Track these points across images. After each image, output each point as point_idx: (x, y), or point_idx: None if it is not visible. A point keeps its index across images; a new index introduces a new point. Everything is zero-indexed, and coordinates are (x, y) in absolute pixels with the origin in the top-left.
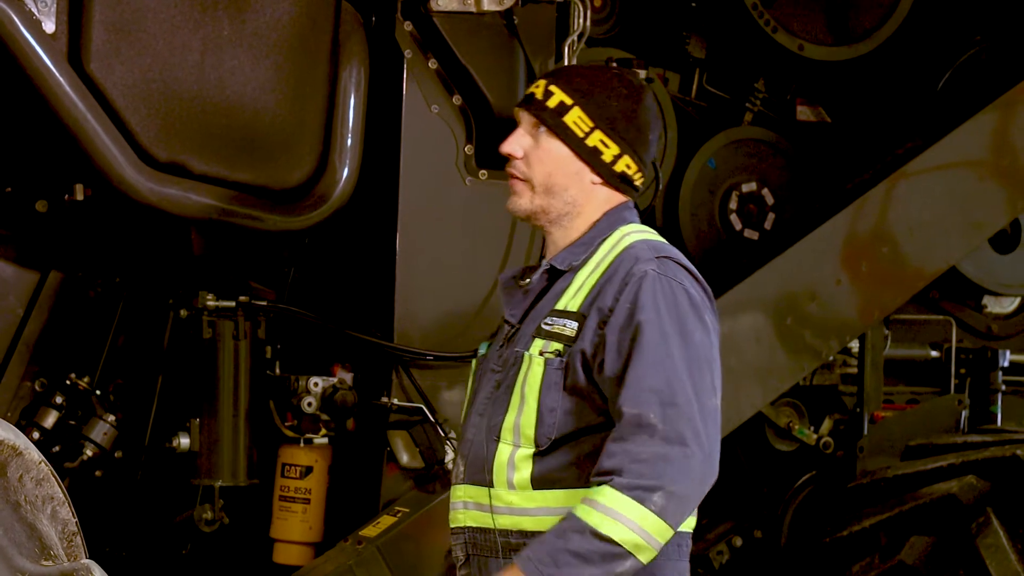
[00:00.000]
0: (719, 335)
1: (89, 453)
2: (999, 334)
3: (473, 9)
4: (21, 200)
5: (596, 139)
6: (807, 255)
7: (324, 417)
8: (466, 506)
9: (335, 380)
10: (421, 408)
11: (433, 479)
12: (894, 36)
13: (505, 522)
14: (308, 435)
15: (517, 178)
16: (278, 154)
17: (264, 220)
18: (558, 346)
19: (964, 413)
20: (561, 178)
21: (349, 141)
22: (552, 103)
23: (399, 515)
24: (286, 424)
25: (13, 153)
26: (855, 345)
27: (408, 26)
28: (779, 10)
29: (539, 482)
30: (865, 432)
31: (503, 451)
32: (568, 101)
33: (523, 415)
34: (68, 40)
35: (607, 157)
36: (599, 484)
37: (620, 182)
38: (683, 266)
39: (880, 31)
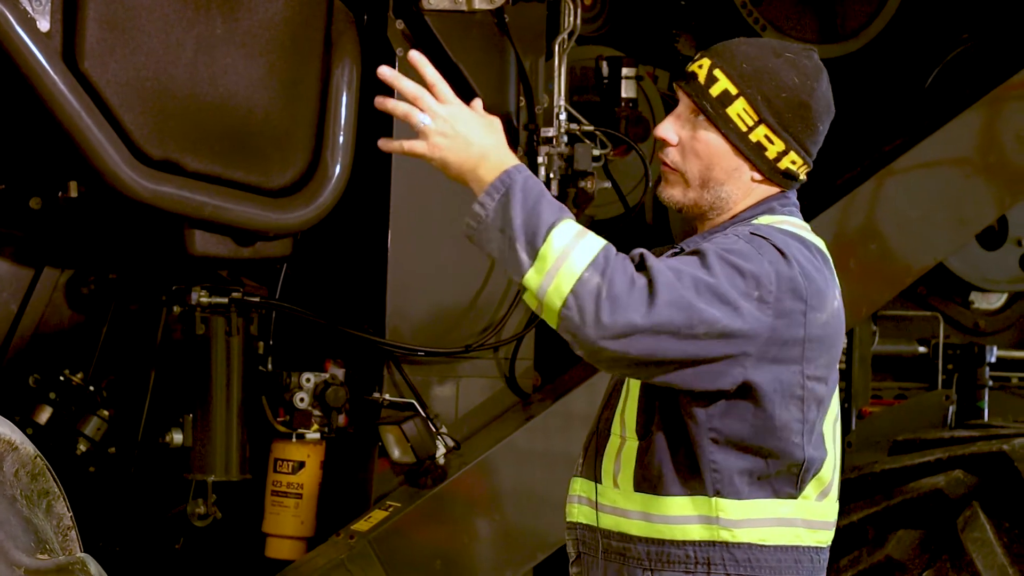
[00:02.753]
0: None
1: (83, 448)
2: (986, 330)
3: (464, 8)
4: (15, 197)
5: (761, 134)
6: None
7: (316, 412)
8: (580, 501)
9: (327, 376)
10: (413, 403)
11: (424, 474)
12: (882, 34)
13: (607, 522)
14: (300, 430)
15: (669, 168)
16: (271, 152)
17: (257, 218)
18: None
19: (951, 408)
20: (719, 173)
21: (341, 139)
22: (715, 90)
23: (391, 510)
24: (278, 419)
25: (7, 150)
26: (843, 340)
27: (400, 24)
28: (768, 8)
29: (640, 482)
30: (853, 427)
31: (612, 444)
32: (733, 91)
33: (627, 404)
34: (62, 38)
35: (771, 154)
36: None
37: (783, 178)
38: (776, 247)
39: (868, 29)
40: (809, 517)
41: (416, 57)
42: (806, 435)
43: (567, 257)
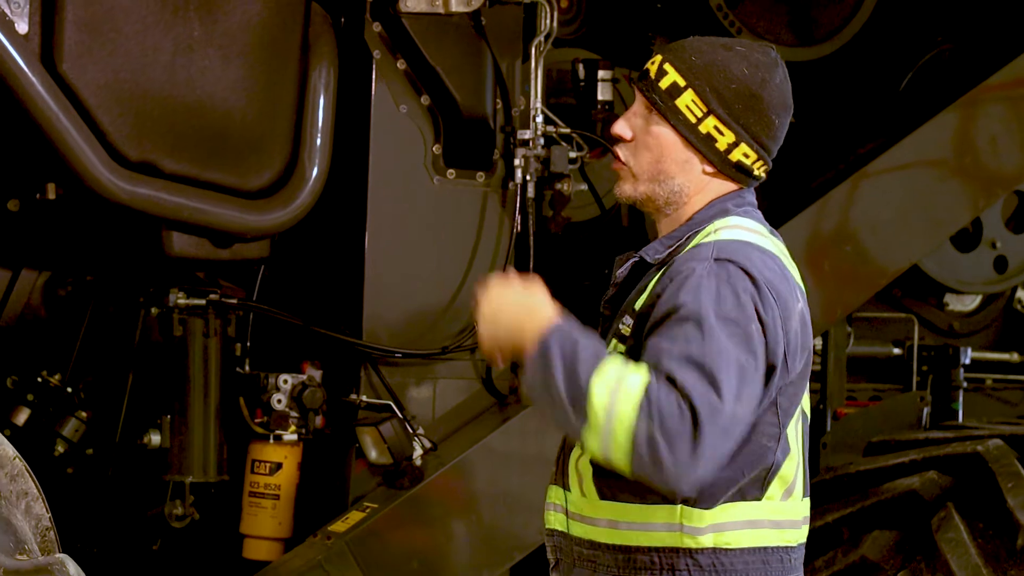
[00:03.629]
0: (771, 341)
1: (61, 449)
2: (960, 331)
3: (441, 10)
4: None
5: (710, 125)
6: None
7: (293, 414)
8: (555, 508)
9: (304, 377)
10: (390, 405)
11: (401, 475)
12: (857, 37)
13: (578, 530)
14: (278, 432)
15: (620, 163)
16: (248, 154)
17: (234, 220)
18: (622, 347)
19: (926, 410)
20: (668, 166)
21: (319, 141)
22: (664, 83)
23: (368, 511)
24: (256, 421)
25: None
26: (818, 342)
27: (377, 27)
28: (743, 11)
29: (603, 490)
30: (828, 428)
31: (575, 453)
32: (681, 82)
33: None
34: (41, 40)
35: (721, 145)
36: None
37: (736, 172)
38: (744, 270)
39: (843, 32)
40: (775, 517)
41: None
42: (779, 440)
43: (614, 412)
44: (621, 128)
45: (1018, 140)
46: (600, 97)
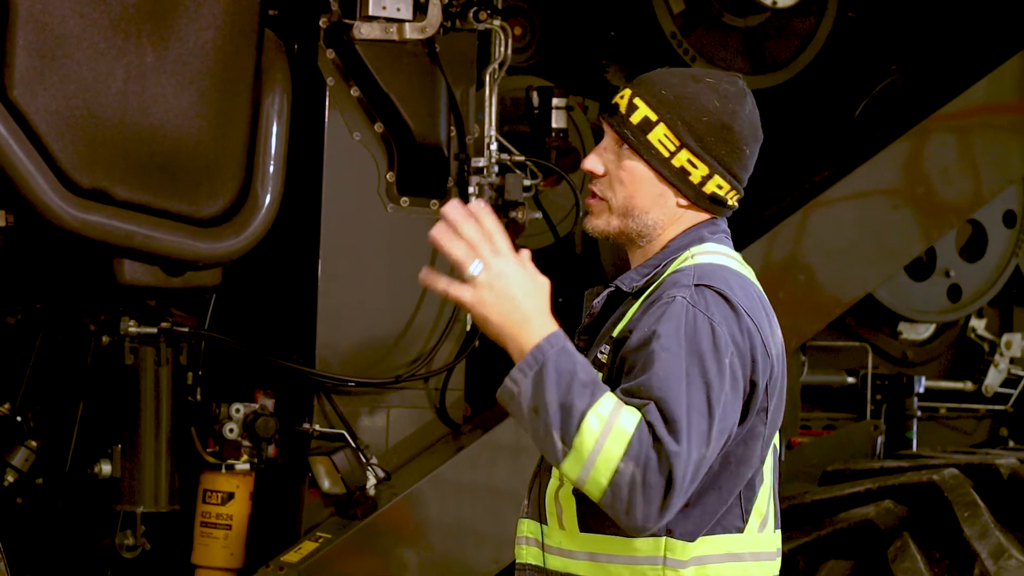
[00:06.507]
0: (755, 371)
1: (10, 479)
2: (914, 360)
3: (395, 37)
4: None
5: (683, 159)
6: None
7: (246, 443)
8: (528, 542)
9: (256, 406)
10: (343, 434)
11: (355, 505)
12: (811, 65)
13: (555, 563)
14: (230, 461)
15: (596, 198)
16: (201, 181)
17: (186, 248)
18: (599, 375)
19: (880, 439)
20: (642, 200)
21: (271, 168)
22: (636, 118)
23: (321, 541)
24: (208, 450)
25: None
26: None
27: (331, 54)
28: (697, 39)
29: (585, 523)
30: (782, 458)
31: (553, 484)
32: (653, 117)
33: None
34: None
35: (695, 178)
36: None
37: (710, 203)
38: (724, 296)
39: (797, 60)
40: (755, 549)
41: (478, 207)
42: (760, 470)
43: (602, 448)
44: (592, 164)
45: (970, 170)
46: (554, 125)
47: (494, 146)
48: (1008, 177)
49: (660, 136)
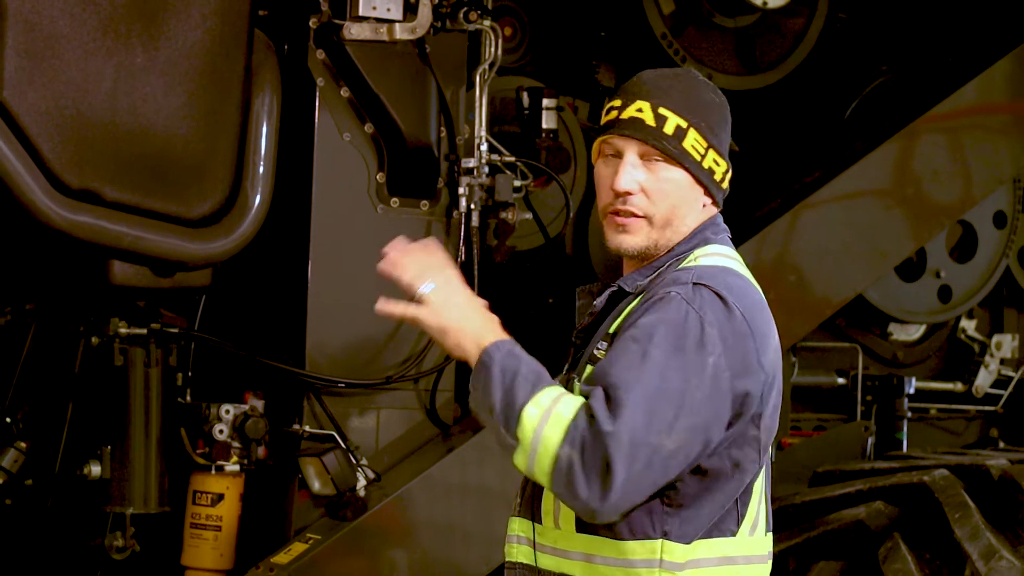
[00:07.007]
0: (748, 374)
1: None
2: (904, 361)
3: (385, 38)
4: None
5: (711, 159)
6: None
7: (235, 444)
8: (519, 541)
9: (246, 407)
10: (333, 435)
11: (345, 506)
12: (802, 66)
13: (547, 563)
14: (219, 462)
15: (636, 215)
16: (190, 182)
17: (176, 248)
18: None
19: (870, 440)
20: (684, 208)
21: (261, 169)
22: (669, 128)
23: (311, 542)
24: (197, 451)
25: None
26: None
27: (321, 54)
28: (688, 40)
29: (582, 523)
30: (773, 459)
31: None
32: (684, 124)
33: None
34: None
35: (718, 176)
36: (583, 392)
37: (722, 196)
38: (721, 297)
39: (788, 60)
40: (748, 552)
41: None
42: (757, 475)
43: (541, 436)
44: (629, 183)
45: (961, 171)
46: (545, 125)
47: (484, 147)
48: (998, 178)
49: (692, 141)
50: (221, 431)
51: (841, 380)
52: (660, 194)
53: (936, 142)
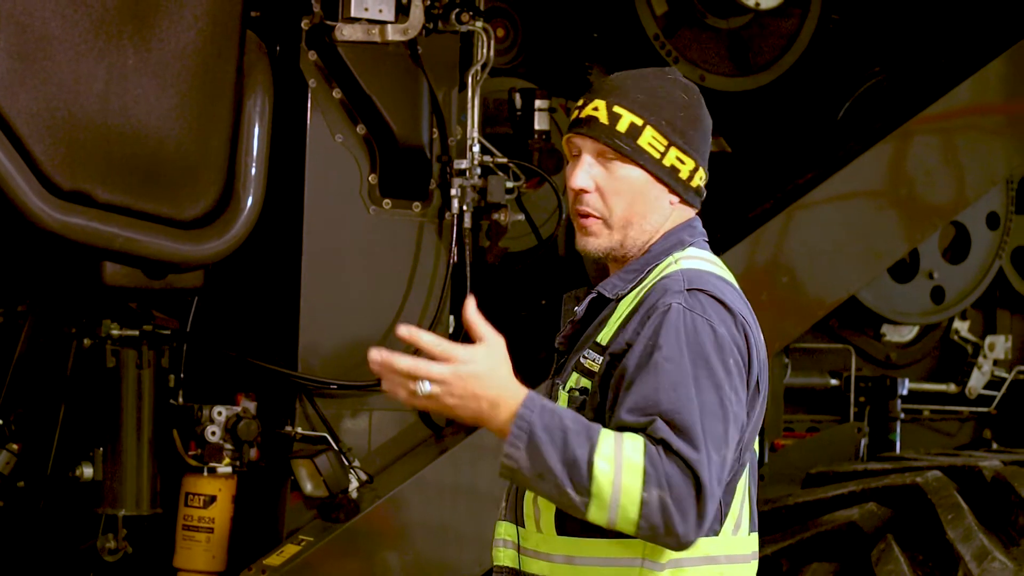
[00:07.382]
0: (749, 371)
1: None
2: (897, 362)
3: (377, 39)
4: None
5: (673, 157)
6: None
7: (228, 446)
8: (505, 544)
9: (239, 409)
10: (325, 437)
11: (337, 508)
12: (794, 67)
13: (532, 566)
14: (212, 464)
15: (592, 216)
16: (183, 183)
17: (168, 250)
18: (586, 382)
19: (863, 441)
20: (642, 206)
21: (253, 171)
22: (622, 126)
23: (303, 544)
24: (190, 453)
25: None
26: None
27: (312, 56)
28: (680, 41)
29: (562, 526)
30: (766, 460)
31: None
32: (639, 121)
33: None
34: None
35: (684, 174)
36: (636, 428)
37: (695, 197)
38: (717, 299)
39: (780, 62)
40: (730, 552)
41: (404, 333)
42: (744, 472)
43: (621, 487)
44: (583, 181)
45: (954, 171)
46: (537, 126)
47: (476, 148)
48: (992, 179)
49: (649, 139)
50: (213, 433)
51: (834, 381)
52: (614, 192)
53: (929, 143)
